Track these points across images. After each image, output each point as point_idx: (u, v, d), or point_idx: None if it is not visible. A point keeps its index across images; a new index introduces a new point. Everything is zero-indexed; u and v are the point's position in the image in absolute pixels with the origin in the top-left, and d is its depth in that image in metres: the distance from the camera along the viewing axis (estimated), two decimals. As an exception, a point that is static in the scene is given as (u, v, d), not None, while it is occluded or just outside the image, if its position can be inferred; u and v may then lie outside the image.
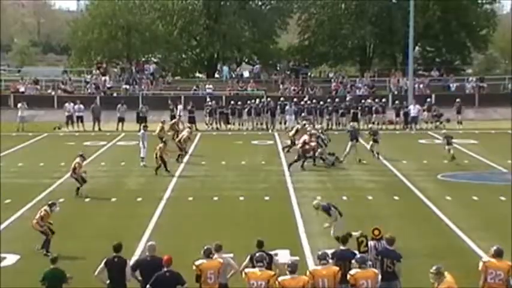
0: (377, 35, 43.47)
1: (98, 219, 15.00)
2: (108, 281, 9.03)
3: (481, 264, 8.67)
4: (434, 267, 8.23)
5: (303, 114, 28.72)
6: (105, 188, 17.20)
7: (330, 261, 8.82)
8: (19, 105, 31.14)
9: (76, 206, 16.31)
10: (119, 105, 30.71)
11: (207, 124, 30.77)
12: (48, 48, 72.89)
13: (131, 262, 9.45)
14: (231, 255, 9.86)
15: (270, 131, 29.59)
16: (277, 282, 8.37)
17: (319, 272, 8.53)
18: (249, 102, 31.34)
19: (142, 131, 21.79)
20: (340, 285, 8.60)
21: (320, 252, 8.80)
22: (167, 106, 31.29)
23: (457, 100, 31.42)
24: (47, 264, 11.03)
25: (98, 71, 38.36)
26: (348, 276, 8.47)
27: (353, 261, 8.67)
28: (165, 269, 8.57)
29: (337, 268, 8.64)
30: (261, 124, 30.43)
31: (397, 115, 31.12)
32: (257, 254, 8.78)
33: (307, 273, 8.65)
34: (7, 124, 30.04)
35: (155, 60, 43.11)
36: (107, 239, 11.44)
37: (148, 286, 8.54)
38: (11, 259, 12.04)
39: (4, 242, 13.03)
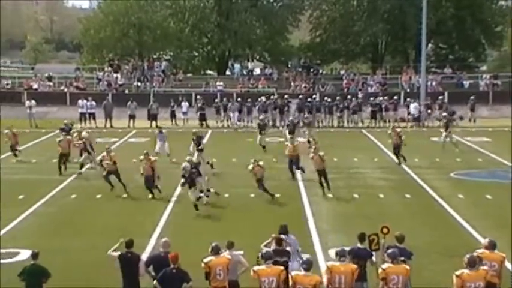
0: (389, 32, 43.22)
1: (108, 216, 15.06)
2: (122, 277, 9.05)
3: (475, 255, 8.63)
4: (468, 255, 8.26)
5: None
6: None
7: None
8: (27, 102, 31.46)
9: (87, 202, 16.40)
10: (129, 103, 30.84)
11: (217, 121, 30.91)
12: (61, 46, 73.39)
13: (144, 258, 9.48)
14: (241, 252, 9.84)
15: (280, 128, 29.52)
16: (289, 277, 8.37)
17: (337, 268, 8.43)
18: (259, 99, 31.33)
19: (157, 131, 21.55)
20: (355, 283, 8.54)
21: (339, 249, 8.71)
22: (178, 103, 31.41)
23: (472, 97, 31.16)
24: (59, 259, 11.12)
25: (109, 68, 38.54)
26: (380, 270, 8.36)
27: (385, 255, 8.54)
28: (173, 266, 8.58)
29: (356, 266, 8.53)
30: (271, 122, 30.37)
31: (409, 113, 30.91)
32: (264, 251, 8.79)
33: (325, 268, 8.59)
34: (20, 121, 30.25)
35: (166, 57, 43.19)
36: (117, 236, 11.44)
37: (155, 282, 8.57)
38: (24, 254, 12.11)
39: (18, 237, 13.13)
